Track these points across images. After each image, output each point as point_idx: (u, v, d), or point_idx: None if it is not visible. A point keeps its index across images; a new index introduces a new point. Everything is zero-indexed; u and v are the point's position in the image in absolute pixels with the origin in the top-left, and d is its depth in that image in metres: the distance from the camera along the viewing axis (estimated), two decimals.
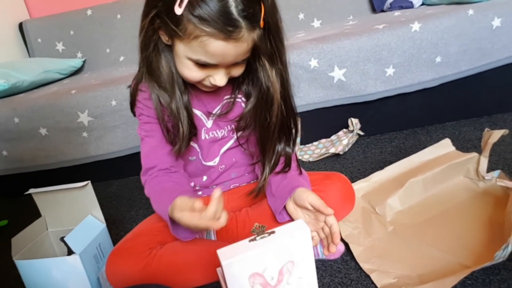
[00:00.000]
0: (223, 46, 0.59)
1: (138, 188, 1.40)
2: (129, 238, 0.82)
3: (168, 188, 0.75)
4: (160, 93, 0.72)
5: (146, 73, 0.71)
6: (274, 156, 0.77)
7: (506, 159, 1.06)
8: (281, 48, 0.68)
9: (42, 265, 0.80)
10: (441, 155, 1.01)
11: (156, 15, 0.63)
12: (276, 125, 0.73)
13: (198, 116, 0.80)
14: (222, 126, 0.82)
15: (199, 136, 0.81)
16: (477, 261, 0.70)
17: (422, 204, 0.92)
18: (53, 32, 2.04)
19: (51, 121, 1.39)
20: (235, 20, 0.56)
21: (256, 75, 0.71)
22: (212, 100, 0.79)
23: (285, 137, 0.78)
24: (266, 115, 0.72)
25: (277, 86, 0.70)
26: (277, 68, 0.69)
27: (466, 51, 1.27)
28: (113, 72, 1.73)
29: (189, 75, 0.67)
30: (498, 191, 0.88)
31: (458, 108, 1.38)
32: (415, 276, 0.71)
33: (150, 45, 0.67)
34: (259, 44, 0.63)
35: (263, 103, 0.72)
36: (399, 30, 1.25)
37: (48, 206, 0.93)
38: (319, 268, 0.79)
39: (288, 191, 0.74)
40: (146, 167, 0.80)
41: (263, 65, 0.68)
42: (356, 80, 1.30)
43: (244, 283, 0.55)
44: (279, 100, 0.71)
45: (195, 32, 0.58)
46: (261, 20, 0.60)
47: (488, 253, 0.69)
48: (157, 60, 0.69)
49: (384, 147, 1.32)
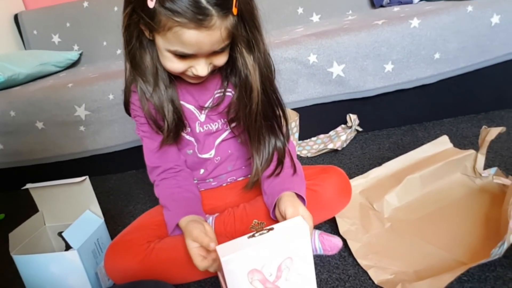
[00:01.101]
0: (196, 35, 0.60)
1: (136, 183, 1.40)
2: (128, 231, 0.83)
3: (177, 198, 0.79)
4: (145, 87, 0.73)
5: (131, 68, 0.73)
6: (263, 148, 0.77)
7: (503, 156, 1.06)
8: (258, 35, 0.68)
9: (40, 260, 0.80)
10: (438, 152, 1.02)
11: (133, 10, 0.64)
12: (257, 113, 0.73)
13: (190, 110, 0.80)
14: (215, 120, 0.82)
15: (193, 130, 0.82)
16: (473, 258, 0.71)
17: (419, 201, 0.92)
18: (49, 24, 2.02)
19: (48, 114, 1.38)
20: (204, 8, 0.57)
21: (236, 64, 0.71)
22: (202, 94, 0.80)
23: (271, 127, 0.77)
24: (247, 102, 0.73)
25: (256, 73, 0.70)
26: (255, 55, 0.70)
27: (464, 48, 1.27)
28: (110, 65, 1.71)
29: (172, 67, 0.68)
30: (494, 188, 0.89)
31: (456, 105, 1.39)
32: (411, 273, 0.72)
33: (132, 39, 0.68)
34: (234, 31, 0.63)
35: (243, 91, 0.73)
36: (398, 26, 1.25)
37: (46, 201, 0.92)
38: (317, 263, 0.79)
39: (277, 192, 0.75)
40: (151, 166, 0.83)
41: (240, 52, 0.69)
42: (355, 76, 1.30)
43: (243, 280, 0.55)
44: (258, 88, 0.71)
45: (168, 23, 0.60)
46: (233, 8, 0.60)
47: (484, 250, 0.69)
48: (140, 55, 0.71)
49: (382, 143, 1.32)
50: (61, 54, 1.93)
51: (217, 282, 0.82)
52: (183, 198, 0.80)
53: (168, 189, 0.81)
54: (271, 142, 0.78)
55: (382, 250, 0.80)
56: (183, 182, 0.83)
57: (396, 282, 0.69)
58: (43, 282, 0.81)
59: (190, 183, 0.85)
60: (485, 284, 0.67)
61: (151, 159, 0.82)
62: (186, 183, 0.83)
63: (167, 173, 0.83)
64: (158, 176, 0.83)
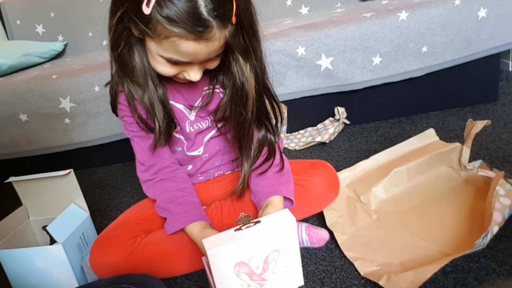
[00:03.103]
0: (194, 46, 0.58)
1: (123, 176, 1.39)
2: (114, 226, 0.82)
3: (182, 202, 0.79)
4: (133, 87, 0.70)
5: (119, 71, 0.69)
6: (252, 153, 0.77)
7: (488, 149, 1.08)
8: (255, 42, 0.66)
9: (24, 255, 0.78)
10: (425, 145, 1.03)
11: (125, 13, 0.60)
12: (251, 121, 0.72)
13: (180, 109, 0.79)
14: (205, 117, 0.82)
15: (183, 129, 0.81)
16: (457, 249, 0.72)
17: (406, 193, 0.93)
18: (33, 14, 1.97)
19: (32, 106, 1.35)
20: (205, 20, 0.55)
21: (230, 69, 0.69)
22: (192, 93, 0.78)
23: (265, 127, 0.77)
24: (242, 110, 0.71)
25: (252, 81, 0.68)
26: (252, 62, 0.68)
27: (452, 41, 1.27)
28: (96, 56, 1.68)
29: (163, 71, 0.65)
30: (479, 180, 0.90)
31: (442, 98, 1.40)
32: (397, 264, 0.73)
33: (121, 43, 0.65)
34: (231, 40, 0.61)
35: (238, 98, 0.71)
36: (386, 19, 1.25)
37: (30, 194, 0.91)
38: (304, 256, 0.80)
39: (264, 195, 0.75)
40: (146, 165, 0.80)
41: (236, 60, 0.67)
42: (343, 68, 1.30)
43: (230, 272, 0.55)
44: (254, 96, 0.69)
45: (165, 32, 0.56)
46: (233, 17, 0.58)
47: (469, 241, 0.70)
48: (129, 56, 0.67)
49: (369, 136, 1.33)
50: (45, 44, 1.89)
51: (203, 276, 0.82)
52: (189, 202, 0.79)
53: (170, 191, 0.79)
54: (264, 137, 0.77)
55: (368, 242, 0.80)
56: (183, 185, 0.82)
57: (382, 274, 0.70)
58: (28, 276, 0.80)
59: (190, 186, 0.84)
60: (468, 274, 0.68)
61: (145, 158, 0.80)
62: (187, 185, 0.82)
63: (164, 173, 0.81)
64: (154, 175, 0.80)
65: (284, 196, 0.76)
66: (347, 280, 0.73)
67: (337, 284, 0.72)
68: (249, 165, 0.77)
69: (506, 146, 1.08)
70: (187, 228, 0.75)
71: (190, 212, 0.77)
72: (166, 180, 0.81)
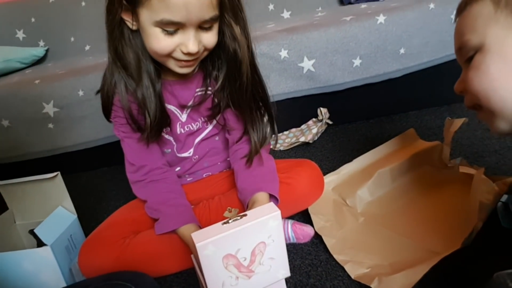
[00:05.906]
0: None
1: (109, 180, 1.39)
2: (102, 228, 0.82)
3: (173, 204, 0.80)
4: (128, 80, 0.71)
5: (113, 59, 0.70)
6: (258, 123, 0.79)
7: (463, 145, 1.13)
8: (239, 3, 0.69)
9: (12, 258, 0.78)
10: (406, 145, 1.04)
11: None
12: (248, 85, 0.74)
13: (171, 110, 0.80)
14: (196, 119, 0.83)
15: (174, 130, 0.82)
16: (445, 247, 0.70)
17: (390, 194, 0.94)
18: (13, 19, 1.94)
19: (14, 112, 1.34)
20: None
21: (223, 42, 0.71)
22: (184, 93, 0.79)
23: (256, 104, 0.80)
24: (237, 77, 0.73)
25: (244, 44, 0.70)
26: (241, 24, 0.70)
27: (428, 43, 1.32)
28: (79, 61, 1.67)
29: (159, 47, 0.65)
30: (461, 178, 0.90)
31: (421, 98, 1.45)
32: (387, 265, 0.73)
33: (115, 29, 0.66)
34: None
35: (232, 65, 0.72)
36: (365, 22, 1.29)
37: (16, 198, 0.90)
38: (290, 251, 0.82)
39: (250, 192, 0.77)
40: (137, 166, 0.81)
41: (228, 24, 0.68)
42: (324, 70, 1.33)
43: (218, 265, 0.57)
44: (247, 59, 0.71)
45: None
46: None
47: (455, 238, 0.71)
48: (123, 47, 0.69)
49: (352, 136, 1.37)
50: (26, 50, 1.86)
51: (193, 274, 0.83)
52: (181, 205, 0.80)
53: (161, 193, 0.80)
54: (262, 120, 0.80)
55: (357, 245, 0.80)
56: (174, 187, 0.83)
57: (373, 276, 0.69)
58: (16, 279, 0.80)
59: (180, 188, 0.85)
60: None
61: (135, 158, 0.80)
62: (177, 187, 0.83)
63: (154, 174, 0.81)
64: (144, 176, 0.81)
65: (270, 194, 0.78)
66: (332, 272, 0.75)
67: (322, 277, 0.75)
68: (258, 135, 0.79)
69: (480, 142, 1.13)
70: (180, 229, 0.76)
71: (183, 214, 0.78)
72: (157, 181, 0.81)
